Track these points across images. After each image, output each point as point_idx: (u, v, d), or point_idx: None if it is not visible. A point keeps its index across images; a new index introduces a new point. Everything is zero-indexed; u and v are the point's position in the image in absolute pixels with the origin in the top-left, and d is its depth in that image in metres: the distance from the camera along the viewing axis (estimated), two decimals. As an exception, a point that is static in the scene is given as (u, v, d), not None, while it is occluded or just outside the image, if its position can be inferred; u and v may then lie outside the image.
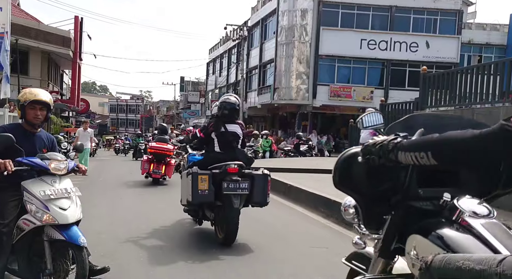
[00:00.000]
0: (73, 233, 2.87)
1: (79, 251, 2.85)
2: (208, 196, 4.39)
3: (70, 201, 2.97)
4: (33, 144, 3.19)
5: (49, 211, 2.84)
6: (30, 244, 2.96)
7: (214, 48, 43.15)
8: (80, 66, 30.15)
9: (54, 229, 2.86)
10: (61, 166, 3.06)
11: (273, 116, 30.78)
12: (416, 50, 24.59)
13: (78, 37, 27.73)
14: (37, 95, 3.12)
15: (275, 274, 3.71)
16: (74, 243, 2.83)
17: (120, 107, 74.75)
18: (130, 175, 12.42)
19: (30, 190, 2.92)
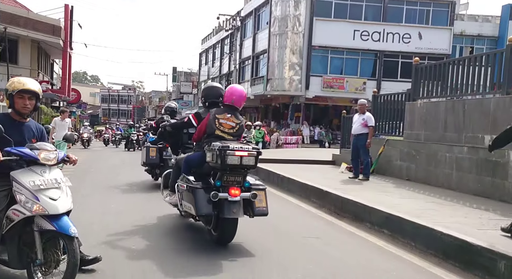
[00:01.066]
0: (64, 223, 2.85)
1: (70, 241, 2.83)
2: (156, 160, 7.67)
3: (60, 191, 2.94)
4: (21, 133, 3.15)
5: (39, 201, 2.81)
6: (20, 234, 2.94)
7: (207, 38, 42.79)
8: (70, 55, 29.75)
9: (44, 219, 2.83)
10: (50, 156, 3.03)
11: (266, 107, 30.74)
12: (409, 41, 24.63)
13: (68, 26, 27.30)
14: (26, 84, 3.08)
15: (266, 264, 3.73)
16: (64, 233, 2.82)
17: (111, 98, 74.09)
18: (123, 166, 12.37)
19: (20, 180, 2.88)
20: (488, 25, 26.67)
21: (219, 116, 4.45)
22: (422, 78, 8.68)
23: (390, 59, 25.01)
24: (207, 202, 3.96)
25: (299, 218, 5.83)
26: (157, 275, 3.35)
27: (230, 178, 4.05)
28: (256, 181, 4.35)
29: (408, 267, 3.86)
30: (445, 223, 4.46)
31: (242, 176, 4.11)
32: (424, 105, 8.36)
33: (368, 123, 8.15)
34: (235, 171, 4.05)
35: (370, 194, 6.31)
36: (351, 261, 3.90)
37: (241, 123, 4.62)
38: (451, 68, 7.94)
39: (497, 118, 6.56)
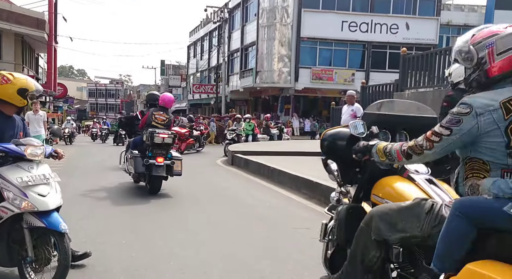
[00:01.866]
0: (54, 220, 2.81)
1: (61, 237, 2.80)
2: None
3: (49, 187, 2.90)
4: (13, 127, 3.09)
5: (27, 198, 2.77)
6: (8, 232, 2.90)
7: (195, 30, 42.42)
8: (56, 49, 29.23)
9: (33, 216, 2.79)
10: (37, 152, 2.98)
11: (255, 100, 30.71)
12: (396, 32, 24.75)
13: (53, 19, 26.79)
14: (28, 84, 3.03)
15: (257, 254, 3.76)
16: (55, 230, 2.78)
17: (99, 92, 73.18)
18: (110, 159, 12.27)
19: (6, 176, 2.82)
20: (474, 15, 26.93)
21: (155, 113, 6.65)
22: (410, 68, 8.76)
23: (378, 50, 25.12)
24: (142, 165, 6.23)
25: (289, 209, 5.86)
26: (149, 269, 3.35)
27: (157, 151, 6.28)
28: (176, 154, 6.73)
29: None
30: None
31: (165, 150, 6.37)
32: (411, 95, 8.44)
33: (357, 114, 8.20)
34: (160, 146, 6.33)
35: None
36: (341, 251, 3.94)
37: (170, 118, 6.84)
38: (437, 58, 8.02)
39: (483, 107, 6.65)
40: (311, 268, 3.46)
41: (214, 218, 5.14)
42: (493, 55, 1.80)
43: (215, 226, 4.76)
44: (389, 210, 2.01)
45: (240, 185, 8.09)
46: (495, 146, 1.73)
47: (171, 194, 6.69)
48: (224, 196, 6.72)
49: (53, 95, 30.16)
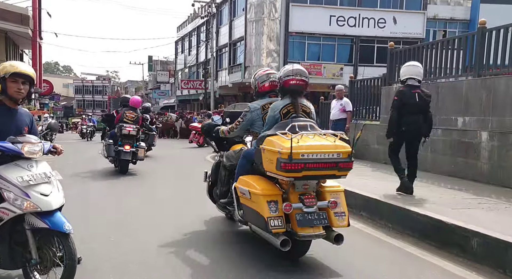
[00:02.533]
0: (57, 220, 2.69)
1: (65, 238, 2.67)
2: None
3: (51, 186, 2.78)
4: (15, 121, 2.95)
5: (29, 198, 2.64)
6: (10, 234, 2.77)
7: (182, 26, 42.03)
8: (40, 45, 28.71)
9: (35, 216, 2.67)
10: (35, 149, 2.83)
11: (244, 95, 30.62)
12: (384, 26, 24.86)
13: (37, 15, 26.30)
14: (19, 67, 2.89)
15: (248, 250, 3.76)
16: (59, 230, 2.66)
17: (86, 89, 72.23)
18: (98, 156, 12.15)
19: (5, 176, 2.69)
20: (460, 9, 27.17)
21: (126, 112, 8.67)
22: (397, 62, 8.80)
23: (366, 44, 25.21)
24: (113, 151, 8.37)
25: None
26: (139, 265, 3.33)
27: (125, 140, 8.26)
28: (141, 144, 8.68)
29: (386, 247, 3.96)
30: (420, 204, 4.59)
31: (131, 140, 8.33)
32: (399, 89, 8.50)
33: (346, 109, 8.24)
34: (127, 137, 8.29)
35: (348, 178, 6.41)
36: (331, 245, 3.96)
37: (138, 116, 8.81)
38: (424, 52, 8.08)
39: (469, 100, 6.74)
40: (302, 262, 3.48)
41: (205, 213, 5.13)
42: (258, 84, 4.08)
43: (206, 221, 4.75)
44: (230, 153, 4.22)
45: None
46: (259, 126, 3.86)
47: (162, 189, 6.66)
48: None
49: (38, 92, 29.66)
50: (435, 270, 3.40)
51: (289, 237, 3.12)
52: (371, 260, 3.58)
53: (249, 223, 3.53)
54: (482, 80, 6.56)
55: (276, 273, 3.19)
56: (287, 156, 2.99)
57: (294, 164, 3.00)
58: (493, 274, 3.32)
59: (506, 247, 3.29)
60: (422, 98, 5.07)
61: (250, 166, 3.63)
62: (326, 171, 3.15)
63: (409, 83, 5.14)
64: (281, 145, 3.10)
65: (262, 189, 3.25)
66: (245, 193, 3.37)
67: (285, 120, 3.47)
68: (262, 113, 3.83)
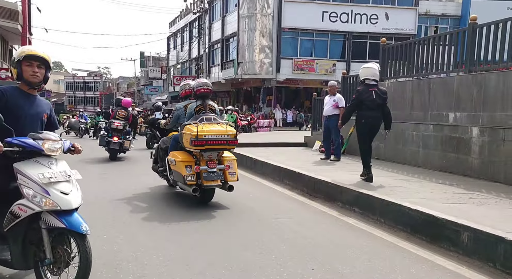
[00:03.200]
0: (74, 220, 2.60)
1: (82, 239, 2.59)
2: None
3: (71, 185, 2.70)
4: (34, 106, 2.89)
5: (49, 196, 2.56)
6: (25, 232, 2.69)
7: (174, 21, 41.76)
8: (30, 41, 28.31)
9: (52, 215, 2.58)
10: (56, 146, 2.75)
11: (237, 91, 30.56)
12: (376, 22, 24.93)
13: (27, 10, 25.94)
14: (32, 50, 2.86)
15: (241, 245, 3.76)
16: (75, 231, 2.58)
17: (77, 85, 71.56)
18: (91, 153, 12.07)
19: (26, 172, 2.60)
20: (451, 5, 27.32)
21: (118, 110, 10.48)
22: (389, 58, 8.83)
23: (358, 40, 25.28)
24: (104, 141, 10.16)
25: (272, 200, 5.88)
26: (131, 263, 3.32)
27: (114, 133, 10.09)
28: (129, 137, 10.44)
29: (378, 242, 3.99)
30: (412, 199, 4.62)
31: (120, 133, 10.12)
32: (391, 85, 8.53)
33: (339, 105, 8.24)
34: (115, 130, 10.08)
35: (341, 174, 6.45)
36: (324, 240, 3.99)
37: (128, 114, 10.60)
38: (416, 48, 8.11)
39: (460, 95, 6.79)
40: (294, 257, 3.49)
41: (197, 210, 5.12)
42: (181, 91, 6.34)
43: (198, 218, 4.74)
44: (165, 139, 6.03)
45: (223, 176, 8.08)
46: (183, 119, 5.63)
47: (154, 186, 6.63)
48: (207, 188, 6.69)
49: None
50: (426, 264, 3.43)
51: (199, 187, 5.10)
52: (363, 255, 3.60)
53: (177, 182, 5.44)
54: (473, 76, 6.60)
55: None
56: (195, 136, 4.98)
57: (199, 141, 4.99)
58: (483, 268, 3.36)
59: (496, 241, 3.32)
60: (378, 95, 5.78)
61: (177, 144, 5.54)
62: (220, 145, 5.18)
63: (366, 83, 5.90)
64: (192, 130, 5.06)
65: (182, 158, 5.22)
66: (173, 162, 5.36)
67: (197, 115, 5.38)
68: (184, 111, 5.77)
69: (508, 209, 4.38)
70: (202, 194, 5.25)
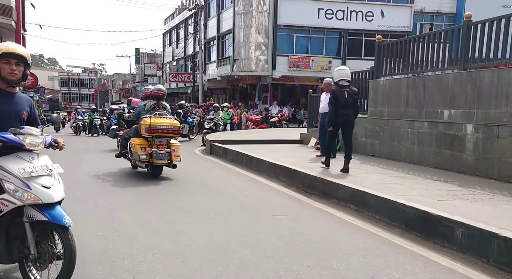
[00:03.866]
0: (57, 213, 2.63)
1: (65, 232, 2.61)
2: None
3: (53, 179, 2.73)
4: (12, 104, 2.86)
5: (31, 190, 2.59)
6: (8, 226, 2.71)
7: (170, 18, 41.55)
8: (24, 37, 28.06)
9: (35, 209, 2.61)
10: (37, 141, 2.77)
11: (233, 88, 30.50)
12: (372, 19, 24.93)
13: (20, 6, 25.70)
14: (9, 47, 2.81)
15: (237, 242, 3.77)
16: (59, 224, 2.60)
17: (72, 81, 71.15)
18: (87, 151, 12.02)
19: (6, 167, 2.63)
20: (446, 2, 27.35)
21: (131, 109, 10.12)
22: (385, 56, 8.84)
23: (354, 38, 25.28)
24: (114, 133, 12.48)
25: (268, 197, 5.89)
26: (126, 260, 3.31)
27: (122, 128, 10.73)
28: None
29: (373, 239, 4.01)
30: (407, 196, 4.65)
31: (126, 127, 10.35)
32: (387, 82, 8.55)
33: None
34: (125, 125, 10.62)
35: (337, 171, 6.47)
36: (320, 237, 4.01)
37: None
38: (411, 45, 8.12)
39: (455, 93, 6.82)
40: (289, 254, 3.50)
41: (193, 207, 5.12)
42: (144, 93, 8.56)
43: (194, 215, 4.74)
44: (128, 130, 8.12)
45: (219, 173, 8.07)
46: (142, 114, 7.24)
47: (150, 184, 6.62)
48: (203, 185, 6.69)
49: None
50: (420, 260, 3.46)
51: (150, 164, 6.88)
52: (358, 251, 3.62)
53: (136, 161, 7.18)
54: (468, 73, 6.64)
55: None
56: (149, 125, 6.78)
57: (151, 129, 6.79)
58: (477, 264, 3.39)
59: (489, 237, 3.35)
60: (350, 95, 6.42)
61: (137, 133, 7.19)
62: (167, 134, 6.95)
63: (339, 84, 6.50)
64: (147, 121, 6.85)
65: (139, 142, 6.96)
66: (132, 145, 7.09)
67: (152, 111, 7.14)
68: (144, 108, 7.39)
69: (502, 205, 4.42)
70: (152, 170, 7.05)
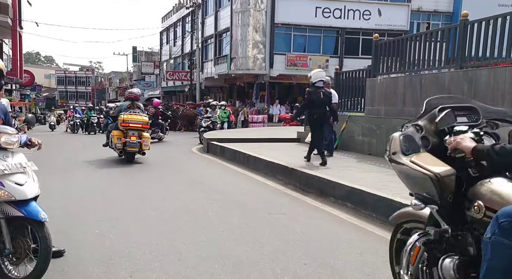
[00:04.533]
0: (32, 209, 2.71)
1: (41, 227, 2.70)
2: None
3: (26, 176, 2.81)
4: None
5: (4, 187, 2.67)
6: None
7: (167, 16, 41.43)
8: (21, 35, 27.94)
9: (10, 205, 2.69)
10: (12, 140, 2.85)
11: (230, 87, 30.47)
12: (369, 18, 24.96)
13: (17, 3, 25.57)
14: None
15: (234, 240, 3.78)
16: (34, 219, 2.69)
17: (68, 79, 70.82)
18: (84, 149, 11.99)
19: None
20: (443, 1, 27.39)
21: None
22: (382, 54, 8.86)
23: (351, 36, 25.29)
24: None
25: (265, 195, 5.90)
26: (123, 258, 3.31)
27: None
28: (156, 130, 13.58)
29: (369, 237, 4.02)
30: (404, 194, 4.66)
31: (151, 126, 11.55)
32: (384, 81, 8.57)
33: (333, 100, 8.17)
34: None
35: (334, 169, 6.48)
36: (317, 235, 4.02)
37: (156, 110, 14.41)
38: (408, 44, 8.14)
39: (451, 91, 6.83)
40: (286, 252, 3.51)
41: (190, 205, 5.12)
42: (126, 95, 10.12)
43: (191, 213, 4.74)
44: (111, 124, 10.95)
45: (216, 172, 8.08)
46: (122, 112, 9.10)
47: (147, 182, 6.61)
48: (200, 183, 6.69)
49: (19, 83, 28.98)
50: (417, 258, 3.47)
51: (124, 151, 8.60)
52: (355, 249, 3.63)
53: (115, 150, 8.82)
54: (464, 72, 6.66)
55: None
56: (122, 120, 8.51)
57: (125, 123, 8.50)
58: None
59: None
60: (326, 95, 7.10)
61: (116, 126, 8.74)
62: (137, 127, 8.56)
63: (316, 85, 7.08)
64: (122, 117, 8.56)
65: (117, 133, 8.58)
66: (112, 136, 8.79)
67: (128, 109, 8.82)
68: (124, 107, 8.98)
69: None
70: (126, 156, 8.67)
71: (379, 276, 3.07)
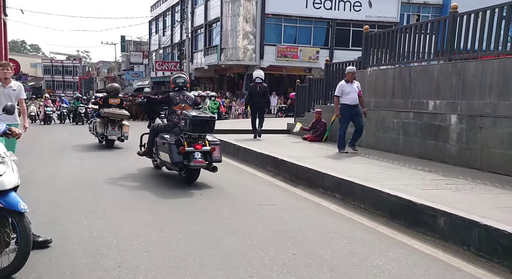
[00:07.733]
0: (12, 199, 2.68)
1: (20, 217, 2.67)
2: None
3: (5, 166, 2.75)
4: None
5: None
6: None
7: (156, 5, 40.84)
8: (5, 22, 27.24)
9: None
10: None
11: (220, 78, 30.29)
12: (359, 9, 24.93)
13: (1, -10, 24.90)
14: None
15: (223, 231, 3.78)
16: (13, 210, 2.65)
17: (55, 69, 69.61)
18: (71, 139, 11.84)
19: None
20: (433, -6, 27.50)
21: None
22: (372, 46, 8.87)
23: (342, 28, 25.27)
24: None
25: (255, 186, 5.91)
26: (111, 249, 3.29)
27: None
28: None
29: (358, 227, 4.06)
30: (392, 185, 4.71)
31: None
32: (373, 73, 8.59)
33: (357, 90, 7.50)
34: None
35: (323, 161, 6.50)
36: (306, 225, 4.04)
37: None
38: (398, 36, 8.15)
39: (440, 83, 6.89)
40: (276, 242, 3.53)
41: (178, 196, 5.10)
42: None
43: (180, 204, 4.72)
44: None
45: (205, 163, 8.04)
46: None
47: (134, 173, 6.56)
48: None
49: None
50: (403, 248, 3.52)
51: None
52: (343, 239, 3.66)
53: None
54: (453, 64, 6.70)
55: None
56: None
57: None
58: (458, 251, 3.46)
59: (471, 225, 3.42)
60: (261, 89, 9.75)
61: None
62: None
63: (256, 81, 9.76)
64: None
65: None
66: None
67: None
68: None
69: (484, 194, 4.51)
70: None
71: (366, 265, 3.11)
